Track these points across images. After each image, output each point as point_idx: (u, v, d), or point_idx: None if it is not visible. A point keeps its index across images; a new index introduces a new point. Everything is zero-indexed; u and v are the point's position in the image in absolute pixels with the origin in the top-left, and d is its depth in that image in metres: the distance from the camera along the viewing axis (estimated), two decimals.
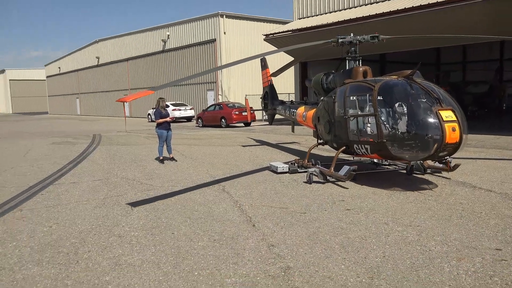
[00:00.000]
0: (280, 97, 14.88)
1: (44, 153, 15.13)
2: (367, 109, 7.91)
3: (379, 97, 7.59)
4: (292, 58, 26.27)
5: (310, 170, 8.50)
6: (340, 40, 9.30)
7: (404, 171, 9.25)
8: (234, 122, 25.65)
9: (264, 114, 29.16)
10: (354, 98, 8.23)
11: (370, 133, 7.81)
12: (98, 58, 51.08)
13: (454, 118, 6.99)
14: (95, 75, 52.57)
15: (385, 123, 7.49)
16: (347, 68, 9.38)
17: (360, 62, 9.47)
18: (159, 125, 11.99)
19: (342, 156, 9.53)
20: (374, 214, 6.18)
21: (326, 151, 12.03)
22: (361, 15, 19.75)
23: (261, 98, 15.39)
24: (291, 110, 12.44)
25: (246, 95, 31.77)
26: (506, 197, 6.91)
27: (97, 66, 51.62)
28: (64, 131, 27.04)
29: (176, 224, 6.03)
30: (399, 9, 18.07)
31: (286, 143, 15.83)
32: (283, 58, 26.91)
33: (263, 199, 7.31)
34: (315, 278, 4.10)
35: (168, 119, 12.01)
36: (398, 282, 3.95)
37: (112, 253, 4.95)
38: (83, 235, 5.66)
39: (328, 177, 8.40)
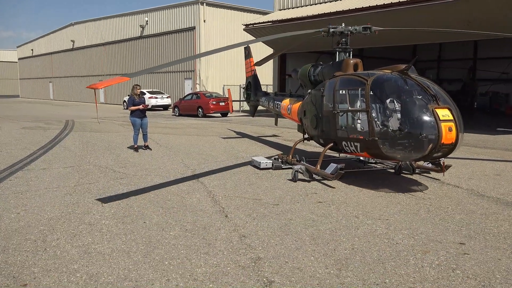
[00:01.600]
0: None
1: (14, 137, 14.72)
2: (359, 104, 7.47)
3: (371, 92, 7.12)
4: (271, 50, 26.30)
5: (296, 167, 8.05)
6: (331, 30, 8.77)
7: (392, 170, 8.89)
8: (211, 112, 25.48)
9: (242, 105, 29.20)
10: (345, 92, 7.78)
11: (360, 130, 7.35)
12: (73, 41, 49.76)
13: (451, 117, 6.58)
14: (70, 59, 51.23)
15: (377, 120, 7.02)
16: (337, 60, 8.89)
17: (351, 54, 9.03)
18: (132, 113, 11.73)
19: (328, 152, 9.54)
20: (345, 207, 6.29)
21: (311, 146, 12.10)
22: (341, 9, 19.85)
23: (243, 88, 14.78)
24: (275, 102, 11.82)
25: (224, 85, 31.67)
26: (472, 193, 7.14)
27: (72, 49, 50.30)
28: (36, 115, 26.34)
29: (148, 213, 5.99)
30: (385, 3, 18.25)
31: (264, 136, 15.86)
32: (265, 49, 26.86)
33: (236, 190, 7.33)
34: (284, 269, 4.15)
35: (140, 106, 11.62)
36: (365, 274, 4.05)
37: (81, 241, 4.89)
38: (52, 223, 5.56)
39: (314, 175, 8.02)
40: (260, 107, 14.18)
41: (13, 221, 5.61)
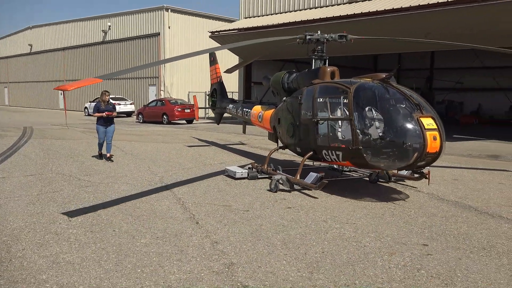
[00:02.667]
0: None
1: None
2: (341, 112, 7.32)
3: (354, 100, 6.98)
4: (236, 57, 26.45)
5: (276, 177, 7.76)
6: (308, 37, 8.67)
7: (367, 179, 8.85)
8: (176, 119, 25.27)
9: (208, 112, 29.12)
10: (325, 100, 7.57)
11: (342, 138, 7.23)
12: (31, 45, 48.05)
13: (435, 126, 6.59)
14: (27, 64, 49.39)
15: (361, 128, 6.88)
16: (313, 67, 8.77)
17: (327, 62, 8.90)
18: (98, 120, 11.21)
19: (293, 159, 9.62)
20: (314, 212, 6.43)
21: (283, 154, 12.18)
22: (305, 18, 20.29)
23: (208, 95, 14.41)
24: (244, 109, 11.53)
25: (189, 92, 31.51)
26: (433, 197, 7.48)
27: (30, 54, 48.55)
28: None
29: (117, 221, 5.90)
30: (341, 15, 18.81)
31: (231, 143, 15.89)
32: (232, 57, 26.98)
33: (206, 197, 7.34)
34: (258, 274, 4.22)
35: (103, 114, 11.01)
36: (335, 276, 4.18)
37: (48, 251, 4.76)
38: (16, 233, 5.38)
39: (294, 185, 7.78)
40: (225, 114, 14.00)
41: None
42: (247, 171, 8.86)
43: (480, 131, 21.32)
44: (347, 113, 7.03)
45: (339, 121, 7.35)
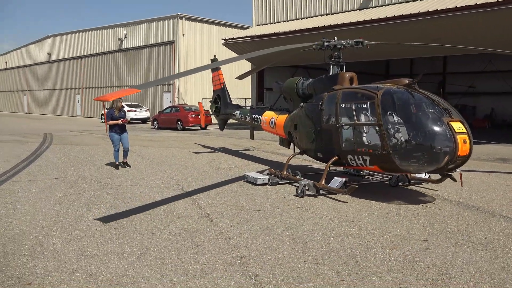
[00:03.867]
0: (235, 102, 14.06)
1: None
2: (368, 117, 7.38)
3: (383, 105, 7.08)
4: (247, 63, 26.95)
5: (303, 182, 7.83)
6: (325, 44, 8.79)
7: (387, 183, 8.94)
8: (190, 125, 25.84)
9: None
10: (350, 105, 7.61)
11: (370, 143, 7.27)
12: (49, 54, 49.45)
13: (464, 129, 6.72)
14: (46, 72, 50.80)
15: (391, 133, 6.94)
16: (330, 73, 8.91)
17: (344, 67, 9.08)
18: (111, 128, 11.02)
19: (305, 163, 9.92)
20: (322, 212, 6.79)
21: (294, 159, 12.55)
22: (316, 25, 20.69)
23: (210, 102, 14.52)
24: (254, 115, 11.59)
25: (202, 98, 32.07)
26: (437, 198, 7.76)
27: (48, 62, 49.92)
28: (11, 128, 26.12)
29: (138, 219, 6.35)
30: (351, 21, 19.16)
31: (243, 148, 16.32)
32: (242, 63, 27.49)
33: (220, 198, 7.75)
34: (267, 265, 4.60)
35: (119, 121, 10.96)
36: (339, 267, 4.54)
37: (77, 245, 5.21)
38: (45, 230, 5.85)
39: (320, 191, 7.82)
40: (230, 120, 13.93)
41: (7, 229, 5.87)
42: (268, 177, 8.86)
43: (492, 134, 21.38)
44: (376, 118, 7.06)
45: (367, 126, 7.37)
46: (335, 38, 8.91)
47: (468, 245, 5.23)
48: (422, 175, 8.36)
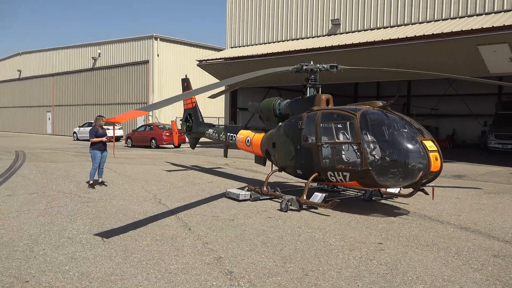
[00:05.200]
0: (208, 121, 14.45)
1: None
2: (348, 136, 7.92)
3: (361, 125, 7.60)
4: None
5: (287, 198, 8.24)
6: (304, 67, 9.31)
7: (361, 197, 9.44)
8: (164, 143, 26.22)
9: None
10: (330, 125, 8.16)
11: (349, 160, 7.75)
12: (20, 71, 48.87)
13: (435, 148, 7.32)
14: (16, 89, 50.10)
15: (369, 151, 7.45)
16: (307, 95, 9.38)
17: (320, 90, 9.62)
18: (93, 145, 11.02)
19: (280, 180, 10.48)
20: (291, 221, 7.44)
21: (263, 175, 13.15)
22: (288, 49, 21.72)
23: (181, 120, 14.77)
24: (229, 134, 11.93)
25: (176, 117, 32.55)
26: (394, 208, 8.56)
27: (19, 79, 49.30)
28: None
29: (120, 228, 6.82)
30: (320, 46, 20.29)
31: (217, 165, 16.88)
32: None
33: (196, 210, 8.30)
34: (241, 264, 5.20)
35: (104, 139, 11.08)
36: (304, 265, 5.18)
37: (66, 250, 5.66)
38: (34, 237, 6.26)
39: (303, 205, 8.25)
40: (202, 139, 14.25)
41: None
42: (249, 193, 9.20)
43: (453, 154, 22.72)
44: (355, 137, 7.61)
45: (346, 145, 7.87)
46: (311, 62, 9.47)
47: (416, 247, 5.98)
48: (394, 190, 9.02)
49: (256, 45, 26.04)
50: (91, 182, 11.01)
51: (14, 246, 5.83)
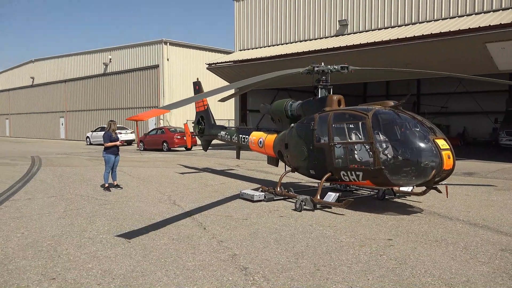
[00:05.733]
0: (219, 124, 14.66)
1: None
2: (360, 136, 8.00)
3: (374, 125, 7.69)
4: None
5: (301, 197, 8.34)
6: (315, 69, 9.44)
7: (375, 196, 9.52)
8: (175, 146, 26.57)
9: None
10: (342, 125, 8.28)
11: (362, 160, 7.86)
12: (33, 78, 49.75)
13: (447, 146, 7.40)
14: (29, 96, 50.97)
15: (382, 150, 7.54)
16: (319, 96, 9.50)
17: (331, 90, 9.75)
18: (107, 150, 11.32)
19: (288, 179, 10.71)
20: (302, 219, 7.64)
21: (275, 176, 13.37)
22: (297, 51, 21.92)
23: (193, 123, 15.03)
24: (241, 136, 12.06)
25: (187, 120, 32.93)
26: (405, 206, 8.71)
27: (32, 86, 50.18)
28: None
29: (138, 229, 7.08)
30: (328, 47, 20.45)
31: (229, 167, 17.14)
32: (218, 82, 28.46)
33: (210, 210, 8.54)
34: (255, 260, 5.42)
35: (117, 143, 11.44)
36: (316, 260, 5.38)
37: (87, 250, 5.93)
38: (56, 238, 6.54)
39: (317, 205, 8.33)
40: (214, 141, 14.43)
41: (21, 239, 6.54)
42: (263, 193, 9.34)
43: (463, 152, 22.68)
44: (367, 136, 7.69)
45: (359, 144, 7.96)
46: (322, 64, 9.57)
47: (425, 242, 6.14)
48: (407, 189, 9.13)
49: (264, 47, 26.29)
50: (107, 185, 11.28)
51: (39, 246, 6.11)
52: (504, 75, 18.27)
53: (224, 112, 34.08)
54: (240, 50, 27.71)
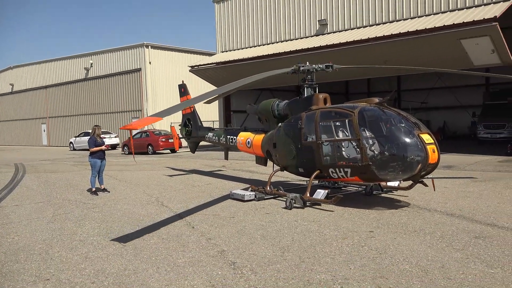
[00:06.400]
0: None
1: None
2: (347, 133, 8.16)
3: (360, 122, 7.84)
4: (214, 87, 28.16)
5: (291, 196, 8.47)
6: (301, 68, 9.56)
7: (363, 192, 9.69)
8: (161, 149, 26.60)
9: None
10: (329, 123, 8.43)
11: (350, 156, 8.06)
12: (12, 85, 49.02)
13: (432, 140, 7.59)
14: (9, 103, 50.20)
15: (369, 146, 7.72)
16: (305, 95, 9.61)
17: (317, 89, 9.87)
18: (92, 154, 11.37)
19: (277, 178, 10.81)
20: (288, 216, 7.90)
21: (266, 175, 13.55)
22: (278, 51, 22.21)
23: (180, 126, 15.15)
24: (229, 137, 12.15)
25: (171, 123, 32.91)
26: (385, 199, 9.04)
27: (11, 93, 49.44)
28: None
29: (127, 230, 7.25)
30: (313, 46, 20.79)
31: (215, 168, 17.32)
32: (205, 86, 28.62)
33: (198, 209, 8.73)
34: (243, 255, 5.64)
35: (103, 147, 11.51)
36: (301, 253, 5.64)
37: (79, 251, 6.08)
38: (47, 242, 6.66)
39: (307, 203, 8.48)
40: (202, 143, 14.59)
41: (12, 244, 6.65)
42: (254, 193, 9.43)
43: (444, 146, 23.26)
44: (354, 133, 7.86)
45: (346, 141, 8.19)
46: (307, 63, 9.70)
47: (405, 233, 6.46)
48: (393, 183, 9.29)
49: (246, 48, 26.53)
50: (94, 189, 11.37)
51: (30, 250, 6.23)
52: (480, 69, 18.83)
53: (208, 113, 34.19)
54: (222, 52, 27.89)
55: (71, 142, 35.11)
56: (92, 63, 38.50)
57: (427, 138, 7.60)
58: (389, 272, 4.89)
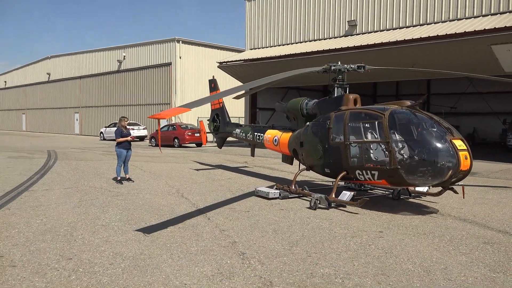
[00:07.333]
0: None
1: (5, 166, 15.93)
2: (376, 136, 8.07)
3: (390, 124, 7.72)
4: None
5: (316, 196, 8.41)
6: (332, 68, 9.53)
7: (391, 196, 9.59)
8: (186, 142, 27.17)
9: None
10: (358, 124, 8.32)
11: (378, 159, 7.94)
12: (49, 74, 50.92)
13: (465, 147, 7.39)
14: (45, 91, 52.19)
15: (398, 150, 7.60)
16: (335, 95, 9.57)
17: (347, 89, 9.79)
18: (119, 144, 11.93)
19: (303, 178, 10.90)
20: (301, 212, 8.11)
21: (292, 174, 13.74)
22: (304, 51, 22.31)
23: (208, 120, 15.27)
24: (256, 134, 12.17)
25: (198, 117, 33.53)
26: (400, 202, 9.10)
27: (48, 82, 51.36)
28: (15, 146, 27.25)
29: (147, 218, 7.63)
30: (341, 47, 20.80)
31: (237, 163, 17.65)
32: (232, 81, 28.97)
33: (215, 202, 9.05)
34: (253, 247, 5.91)
35: (128, 138, 12.00)
36: (308, 249, 5.85)
37: (101, 235, 6.49)
38: (72, 225, 7.12)
39: (332, 204, 8.38)
40: (229, 138, 14.78)
41: (41, 225, 7.13)
42: (278, 191, 9.39)
43: (472, 152, 22.82)
44: (384, 136, 7.72)
45: (375, 144, 8.04)
46: (339, 62, 9.66)
47: (413, 235, 6.56)
48: (422, 189, 9.19)
49: (274, 46, 26.73)
50: (119, 178, 11.88)
51: (56, 231, 6.69)
52: (510, 76, 18.43)
53: (235, 109, 34.59)
54: (251, 49, 28.18)
55: (101, 132, 36.26)
56: (125, 56, 39.56)
57: (459, 144, 7.44)
58: (391, 270, 5.04)
